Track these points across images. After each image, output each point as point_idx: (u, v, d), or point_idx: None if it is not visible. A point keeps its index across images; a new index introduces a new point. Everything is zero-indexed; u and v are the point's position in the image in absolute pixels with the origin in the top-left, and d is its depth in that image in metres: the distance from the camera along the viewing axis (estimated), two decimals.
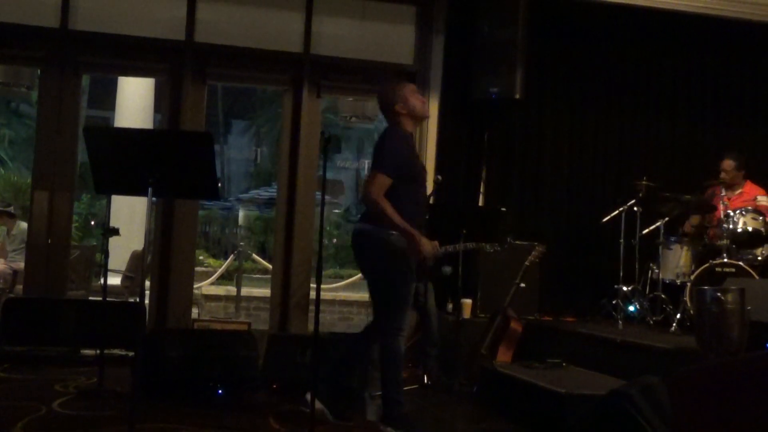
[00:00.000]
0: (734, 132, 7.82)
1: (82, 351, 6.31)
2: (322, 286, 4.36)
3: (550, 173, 7.67)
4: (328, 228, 16.79)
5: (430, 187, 6.51)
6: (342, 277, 13.04)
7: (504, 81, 7.10)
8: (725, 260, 6.15)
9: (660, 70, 7.88)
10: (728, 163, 6.83)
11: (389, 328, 4.49)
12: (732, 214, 6.34)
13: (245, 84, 11.42)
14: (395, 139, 4.55)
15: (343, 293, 10.71)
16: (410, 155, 4.58)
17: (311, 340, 4.59)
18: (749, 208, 6.47)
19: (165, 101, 7.42)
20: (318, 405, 4.44)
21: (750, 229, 6.29)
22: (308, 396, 4.30)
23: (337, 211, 20.52)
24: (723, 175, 6.83)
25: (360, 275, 9.08)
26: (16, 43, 7.00)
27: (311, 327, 4.43)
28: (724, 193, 6.78)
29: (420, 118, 4.79)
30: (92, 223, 15.88)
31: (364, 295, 7.07)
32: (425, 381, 5.92)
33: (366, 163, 22.00)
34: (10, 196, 14.70)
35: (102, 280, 5.45)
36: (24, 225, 8.27)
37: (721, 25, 7.62)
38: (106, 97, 15.33)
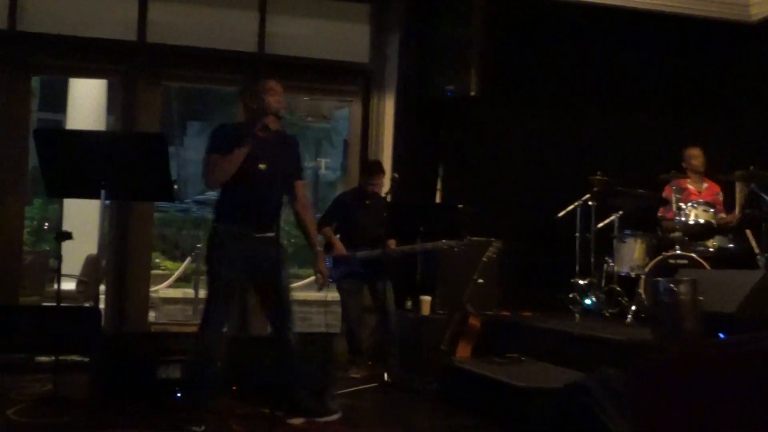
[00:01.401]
0: (687, 127, 7.92)
1: (37, 358, 6.19)
2: None
3: (507, 170, 7.72)
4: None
5: (387, 185, 6.54)
6: (301, 277, 12.96)
7: (459, 79, 7.12)
8: (678, 252, 6.24)
9: (613, 67, 7.96)
10: (698, 150, 6.92)
11: (202, 320, 4.47)
12: (684, 207, 6.44)
13: (200, 84, 11.31)
14: (221, 130, 4.55)
15: (303, 293, 10.65)
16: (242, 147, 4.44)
17: (270, 341, 4.57)
18: (701, 200, 6.58)
19: (118, 103, 7.32)
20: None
21: (702, 221, 6.40)
22: None
23: None
24: (695, 162, 6.91)
25: None
26: None
27: (270, 329, 4.40)
28: (691, 186, 6.89)
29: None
30: (45, 227, 15.57)
31: (322, 295, 7.02)
32: (386, 379, 5.93)
33: (323, 162, 21.92)
34: None
35: (56, 286, 5.35)
36: None
37: (673, 22, 7.76)
38: (58, 99, 15.03)
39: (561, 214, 6.99)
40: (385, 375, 5.96)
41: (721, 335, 4.62)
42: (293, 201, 4.75)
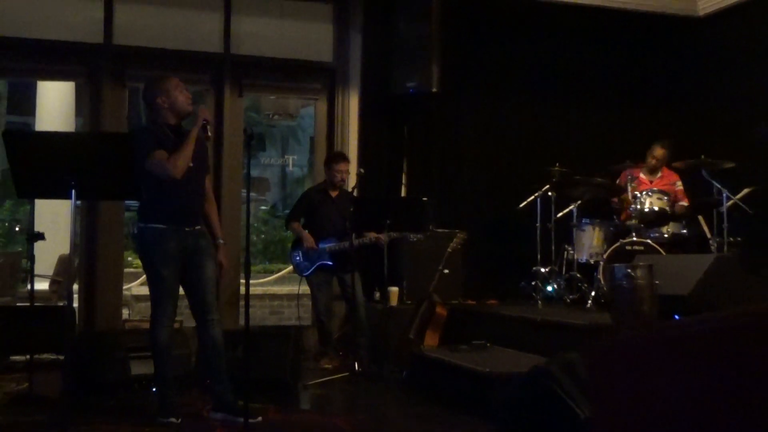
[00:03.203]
0: (639, 118, 8.02)
1: (11, 357, 6.09)
2: (252, 281, 4.31)
3: (469, 163, 7.76)
4: (255, 224, 16.59)
5: (353, 180, 6.53)
6: (271, 272, 12.92)
7: (421, 75, 7.13)
8: (634, 239, 6.32)
9: (567, 61, 8.03)
10: (661, 152, 6.99)
11: (151, 318, 4.45)
12: (639, 195, 6.52)
13: None
14: (147, 131, 4.44)
15: (273, 287, 10.62)
16: (167, 145, 4.36)
17: (242, 334, 4.54)
18: (655, 189, 6.66)
19: (85, 105, 7.21)
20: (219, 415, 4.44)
21: (656, 208, 6.49)
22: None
23: (263, 207, 20.33)
24: (653, 161, 6.99)
25: (289, 268, 9.03)
26: None
27: (243, 322, 4.37)
28: (643, 176, 6.98)
29: (182, 113, 4.53)
30: (17, 229, 15.32)
31: (293, 289, 7.03)
32: (356, 369, 5.94)
33: (291, 159, 21.84)
34: None
35: (29, 286, 5.27)
36: None
37: (624, 17, 7.85)
38: (26, 102, 14.78)
39: (522, 205, 7.03)
40: (356, 365, 5.96)
41: (676, 317, 4.69)
42: None
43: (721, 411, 1.43)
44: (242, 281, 5.53)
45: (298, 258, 6.56)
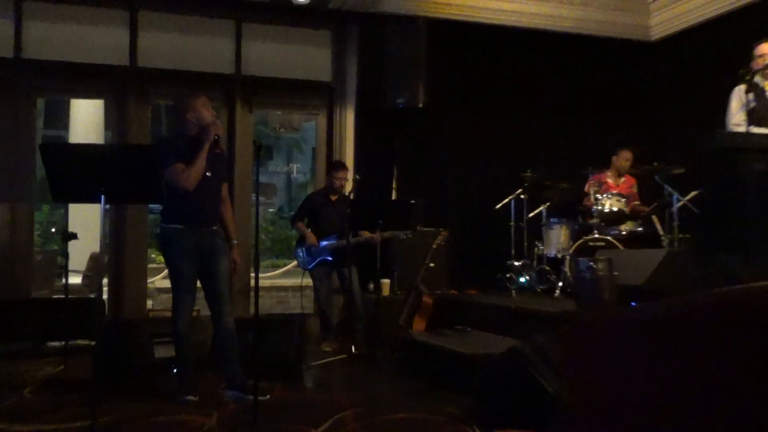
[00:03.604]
0: (601, 130, 8.02)
1: (48, 344, 6.07)
2: (261, 275, 4.30)
3: (451, 169, 7.77)
4: (263, 224, 16.52)
5: (350, 185, 6.53)
6: (278, 266, 12.89)
7: (409, 92, 7.14)
8: (596, 236, 6.33)
9: (538, 80, 8.05)
10: (632, 156, 7.00)
11: (172, 308, 4.43)
12: (600, 197, 6.53)
13: None
14: (168, 144, 4.42)
15: (280, 280, 10.60)
16: (185, 154, 4.33)
17: (252, 322, 4.53)
18: (613, 192, 6.68)
19: (113, 120, 7.19)
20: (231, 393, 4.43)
21: (615, 209, 6.50)
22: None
23: (271, 210, 20.28)
24: (627, 163, 7.00)
25: (294, 263, 9.01)
26: None
27: (252, 311, 4.36)
28: (610, 180, 6.99)
29: (206, 126, 4.43)
30: (53, 230, 15.24)
31: (297, 281, 7.01)
32: (353, 351, 5.93)
33: (295, 167, 21.81)
34: None
35: (64, 280, 5.26)
36: None
37: (587, 42, 7.87)
38: (61, 118, 14.71)
39: (498, 206, 7.05)
40: (353, 348, 5.96)
41: (633, 303, 4.70)
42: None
43: (675, 387, 1.45)
44: (252, 275, 5.51)
45: (301, 254, 6.56)
